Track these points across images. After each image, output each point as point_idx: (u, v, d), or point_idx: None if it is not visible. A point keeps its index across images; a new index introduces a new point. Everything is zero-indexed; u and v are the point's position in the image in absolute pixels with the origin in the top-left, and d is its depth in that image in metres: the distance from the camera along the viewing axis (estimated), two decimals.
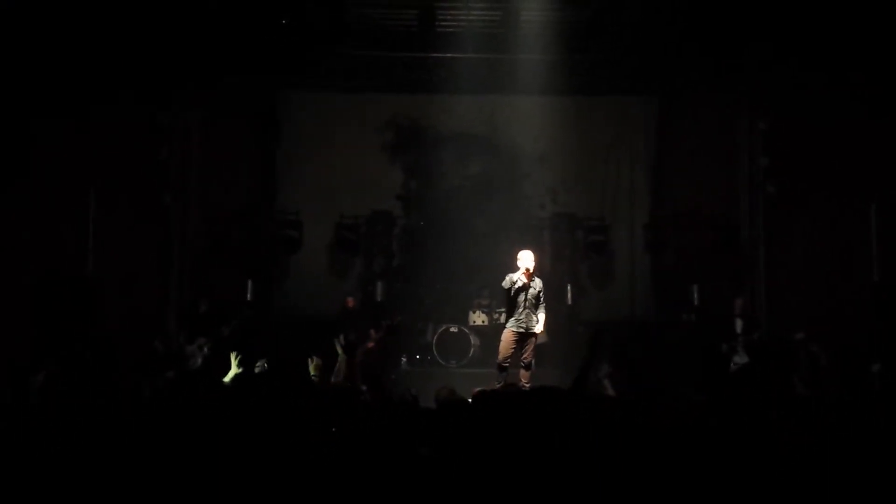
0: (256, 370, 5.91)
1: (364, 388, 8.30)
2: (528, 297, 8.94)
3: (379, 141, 13.39)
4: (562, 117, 12.84)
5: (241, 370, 5.96)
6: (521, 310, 8.94)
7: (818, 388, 9.09)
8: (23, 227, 10.33)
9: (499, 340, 9.22)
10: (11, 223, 10.32)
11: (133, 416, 3.27)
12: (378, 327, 11.60)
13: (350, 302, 12.30)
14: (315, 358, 7.85)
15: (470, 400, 5.12)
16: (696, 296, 12.14)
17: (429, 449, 2.89)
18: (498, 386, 8.16)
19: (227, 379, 5.81)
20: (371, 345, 11.28)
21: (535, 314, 8.99)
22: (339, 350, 7.97)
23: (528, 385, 8.56)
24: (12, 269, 10.27)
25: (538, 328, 9.00)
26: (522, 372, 8.95)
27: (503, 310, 9.75)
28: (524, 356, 8.98)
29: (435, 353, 11.98)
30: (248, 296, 11.99)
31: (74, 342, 10.02)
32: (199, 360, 10.84)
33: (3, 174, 10.23)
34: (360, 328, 11.34)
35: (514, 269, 9.08)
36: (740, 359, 11.12)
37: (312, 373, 7.50)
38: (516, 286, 8.87)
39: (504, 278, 9.06)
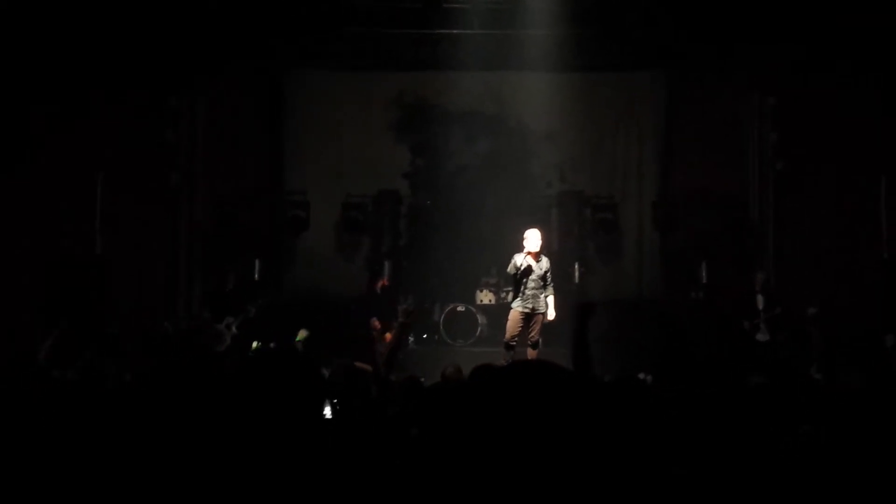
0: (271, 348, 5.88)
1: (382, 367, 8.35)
2: (535, 276, 8.92)
3: (385, 119, 13.31)
4: (569, 94, 12.71)
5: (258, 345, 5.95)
6: (527, 289, 8.92)
7: (831, 368, 9.02)
8: (31, 209, 10.37)
9: (506, 319, 9.21)
10: (20, 206, 10.36)
11: (128, 397, 3.28)
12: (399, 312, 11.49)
13: (385, 282, 12.12)
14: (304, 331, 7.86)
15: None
16: (704, 273, 12.06)
17: (419, 429, 2.88)
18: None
19: None
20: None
21: (541, 294, 8.98)
22: (375, 332, 7.99)
23: None
24: (21, 252, 10.31)
25: (550, 313, 8.98)
26: (530, 351, 8.96)
27: (510, 289, 9.73)
28: (531, 335, 8.98)
29: (442, 331, 11.97)
30: (256, 276, 12.00)
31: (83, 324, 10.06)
32: (229, 340, 10.88)
33: (11, 157, 10.26)
34: (385, 310, 11.12)
35: (522, 248, 9.05)
36: (763, 336, 10.94)
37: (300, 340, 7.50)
38: (521, 269, 8.86)
39: (509, 264, 9.04)
